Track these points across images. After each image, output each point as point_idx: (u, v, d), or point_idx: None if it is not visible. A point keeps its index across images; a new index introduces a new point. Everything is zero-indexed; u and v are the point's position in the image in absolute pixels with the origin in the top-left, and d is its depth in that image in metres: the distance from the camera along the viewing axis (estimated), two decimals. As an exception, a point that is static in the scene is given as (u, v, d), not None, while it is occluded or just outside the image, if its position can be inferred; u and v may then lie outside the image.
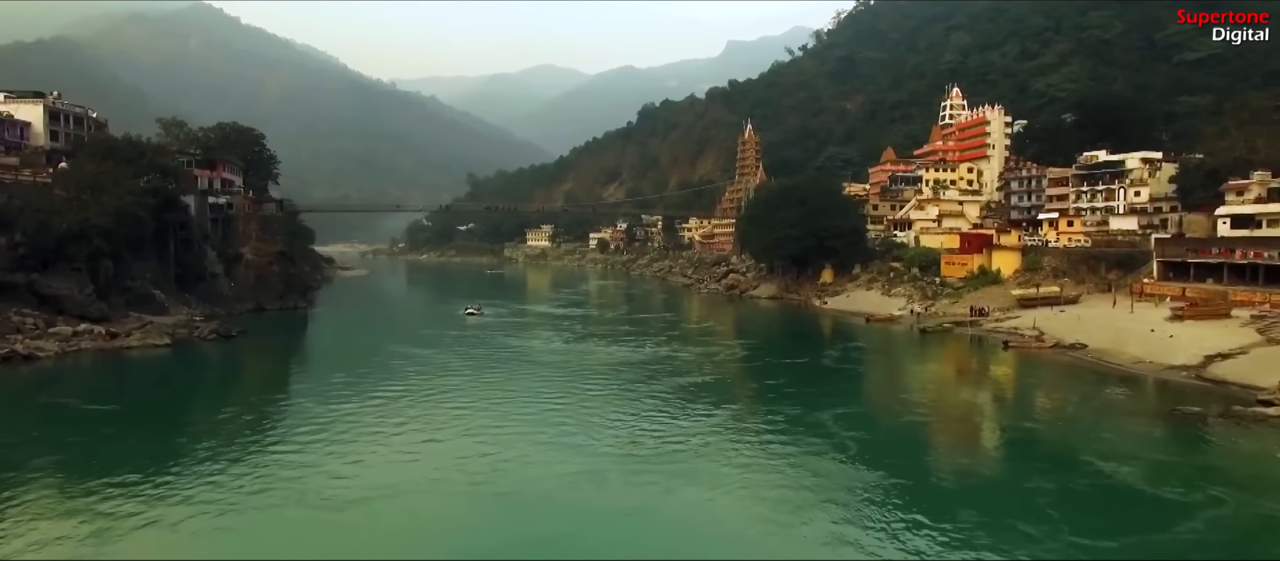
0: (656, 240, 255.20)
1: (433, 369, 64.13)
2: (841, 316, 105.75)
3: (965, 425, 50.41)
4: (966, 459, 42.29)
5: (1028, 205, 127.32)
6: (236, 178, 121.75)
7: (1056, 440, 45.17)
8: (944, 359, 75.62)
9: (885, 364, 72.90)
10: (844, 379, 64.37)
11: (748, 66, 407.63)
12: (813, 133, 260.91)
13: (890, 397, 55.57)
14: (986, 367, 69.63)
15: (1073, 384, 59.83)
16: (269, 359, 76.06)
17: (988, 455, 44.09)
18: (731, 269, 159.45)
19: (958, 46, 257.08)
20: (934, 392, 59.21)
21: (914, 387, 60.31)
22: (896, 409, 51.66)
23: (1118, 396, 55.47)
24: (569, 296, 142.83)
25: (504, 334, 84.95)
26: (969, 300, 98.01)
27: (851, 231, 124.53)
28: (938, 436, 46.81)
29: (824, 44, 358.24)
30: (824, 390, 57.32)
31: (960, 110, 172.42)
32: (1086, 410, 51.96)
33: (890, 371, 69.01)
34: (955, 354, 77.50)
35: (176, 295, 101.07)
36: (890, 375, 66.64)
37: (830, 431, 44.86)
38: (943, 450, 43.97)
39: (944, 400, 57.05)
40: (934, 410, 53.07)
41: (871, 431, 45.64)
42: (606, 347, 76.17)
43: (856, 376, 66.01)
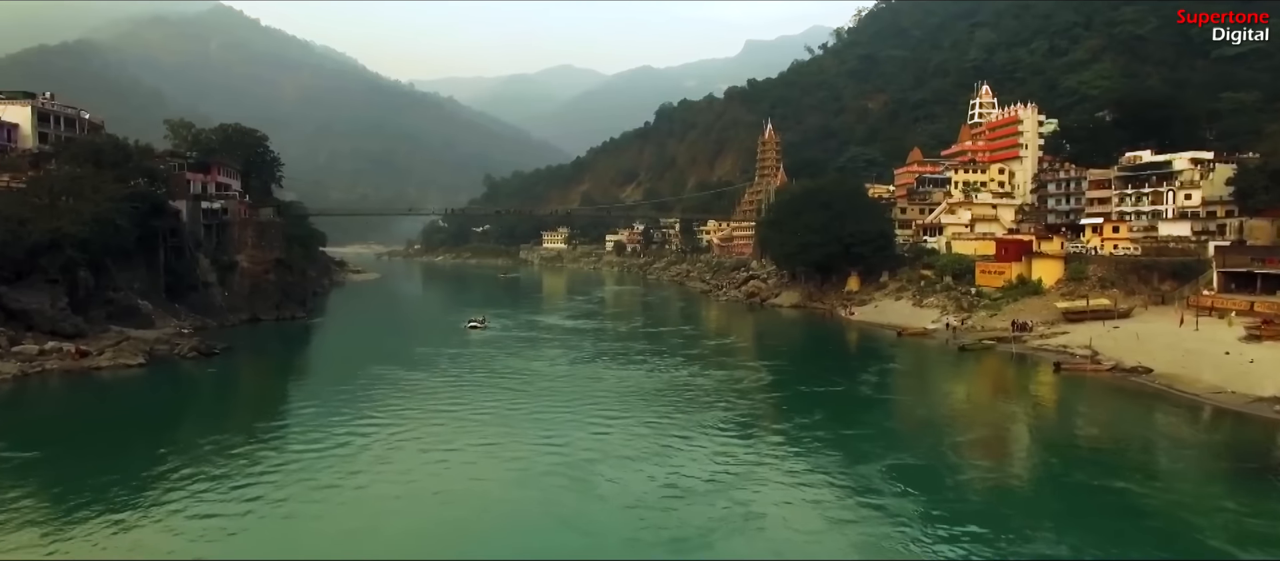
0: (674, 243, 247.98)
1: (419, 398, 56.98)
2: (870, 329, 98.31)
3: (1030, 481, 41.90)
4: (1034, 525, 34.66)
5: (1066, 209, 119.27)
6: (233, 181, 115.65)
7: (1138, 496, 37.62)
8: (989, 384, 68.02)
9: (926, 392, 64.83)
10: (884, 414, 55.96)
11: (767, 66, 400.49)
12: (833, 132, 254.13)
13: (941, 442, 47.26)
14: (1038, 396, 61.82)
15: (1142, 418, 52.27)
16: (243, 383, 68.97)
17: (1060, 519, 36.56)
18: (752, 274, 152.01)
19: (983, 43, 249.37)
20: (987, 433, 51.15)
21: (964, 426, 52.55)
22: (951, 459, 43.33)
23: (1199, 436, 48.06)
24: (581, 305, 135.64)
25: (506, 352, 77.81)
26: (1009, 313, 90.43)
27: (879, 237, 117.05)
28: (1000, 501, 38.23)
29: (844, 42, 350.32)
30: (865, 431, 49.25)
31: (990, 109, 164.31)
32: (1167, 454, 44.59)
33: (933, 402, 60.94)
34: (1000, 377, 69.89)
35: (166, 306, 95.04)
36: (935, 409, 58.47)
37: (879, 491, 37.51)
38: (1009, 515, 36.30)
39: (1001, 443, 49.06)
40: (991, 457, 45.27)
41: (927, 492, 37.79)
42: (618, 370, 68.84)
43: (898, 411, 57.27)
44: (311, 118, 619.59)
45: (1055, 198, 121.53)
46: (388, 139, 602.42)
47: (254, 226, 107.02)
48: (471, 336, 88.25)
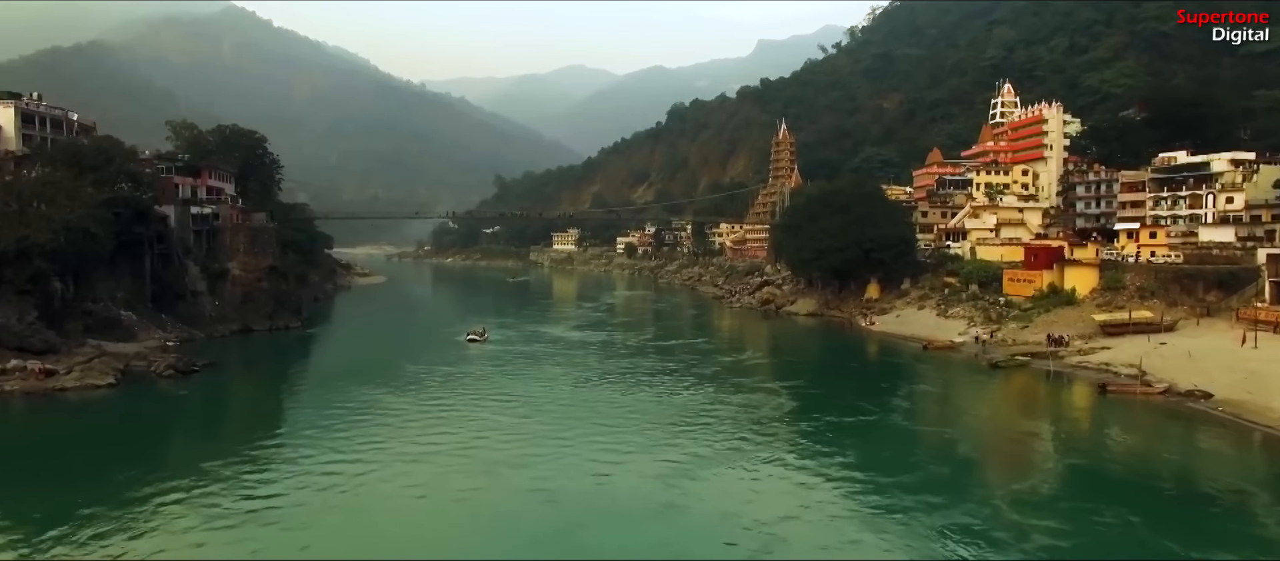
0: (686, 245, 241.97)
1: (399, 430, 50.70)
2: (893, 341, 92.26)
3: (1096, 540, 35.54)
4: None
5: (1096, 213, 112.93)
6: (226, 185, 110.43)
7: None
8: (1029, 409, 61.78)
9: (962, 421, 58.02)
10: (920, 452, 48.42)
11: (779, 65, 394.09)
12: (848, 132, 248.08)
13: (988, 488, 40.96)
14: (1086, 425, 55.51)
15: (1213, 455, 46.31)
16: (213, 408, 62.27)
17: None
18: (766, 280, 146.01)
19: (1001, 42, 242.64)
20: (1037, 476, 44.23)
21: (1009, 465, 46.39)
22: (1004, 512, 36.70)
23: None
24: (590, 312, 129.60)
25: (503, 371, 71.90)
26: (1041, 325, 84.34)
27: (900, 242, 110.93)
28: None
29: (858, 41, 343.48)
30: (902, 476, 41.97)
31: (1013, 108, 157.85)
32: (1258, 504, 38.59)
33: (972, 434, 54.14)
34: (1039, 400, 63.77)
35: (151, 316, 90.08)
36: (975, 442, 51.46)
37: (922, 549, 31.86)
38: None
39: (1054, 488, 41.50)
40: (1047, 508, 38.43)
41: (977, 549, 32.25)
42: (624, 393, 62.63)
43: (935, 447, 49.29)
44: (323, 118, 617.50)
45: (1084, 201, 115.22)
46: (399, 139, 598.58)
47: (246, 232, 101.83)
48: (470, 351, 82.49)
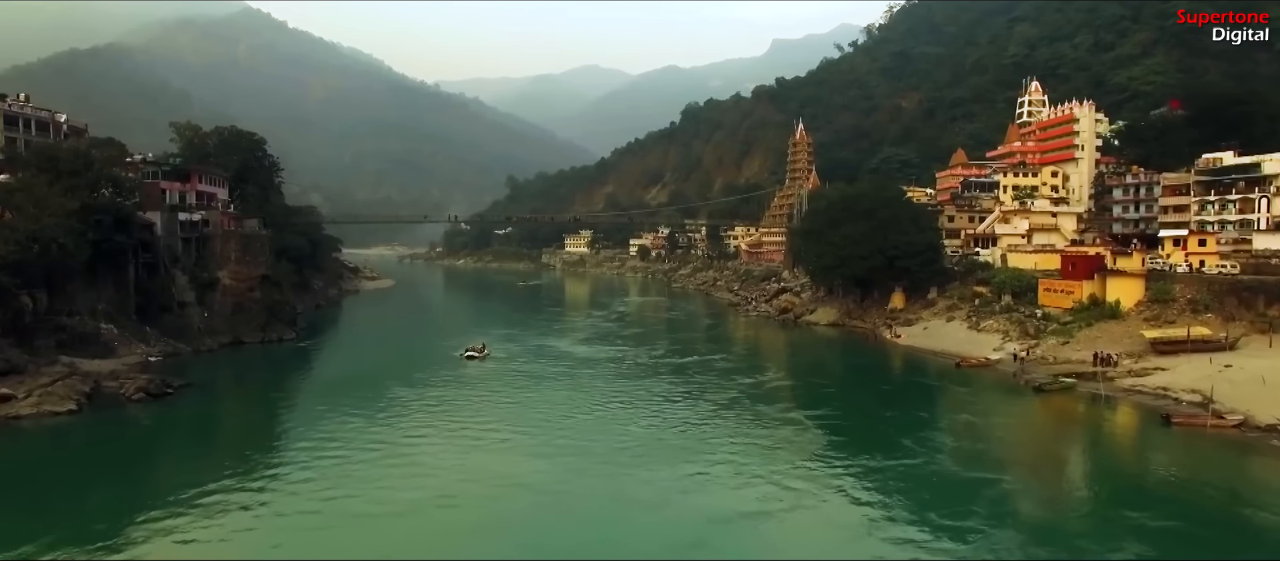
0: (700, 248, 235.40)
1: (374, 471, 44.62)
2: (921, 356, 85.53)
3: None
4: None
5: (1134, 217, 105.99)
6: (218, 190, 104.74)
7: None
8: (1084, 443, 54.59)
9: (1014, 457, 50.83)
10: (977, 502, 40.48)
11: (794, 65, 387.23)
12: (865, 132, 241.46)
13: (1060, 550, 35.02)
14: (1155, 465, 48.03)
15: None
16: (173, 439, 55.27)
17: None
18: (784, 286, 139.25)
19: (1023, 39, 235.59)
20: (1120, 536, 36.70)
21: (1086, 522, 38.85)
22: None
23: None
24: (599, 323, 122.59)
25: (500, 394, 65.16)
26: (1083, 341, 77.58)
27: (926, 249, 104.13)
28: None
29: (875, 39, 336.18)
30: (960, 543, 35.58)
31: (1040, 106, 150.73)
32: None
33: (1030, 476, 46.83)
34: (1095, 432, 56.79)
35: (135, 330, 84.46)
36: (1037, 489, 44.06)
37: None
38: None
39: None
40: None
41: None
42: (631, 423, 56.08)
43: (992, 498, 41.32)
44: (338, 118, 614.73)
45: (1122, 204, 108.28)
46: (413, 139, 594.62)
47: (238, 240, 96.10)
48: (467, 370, 76.17)
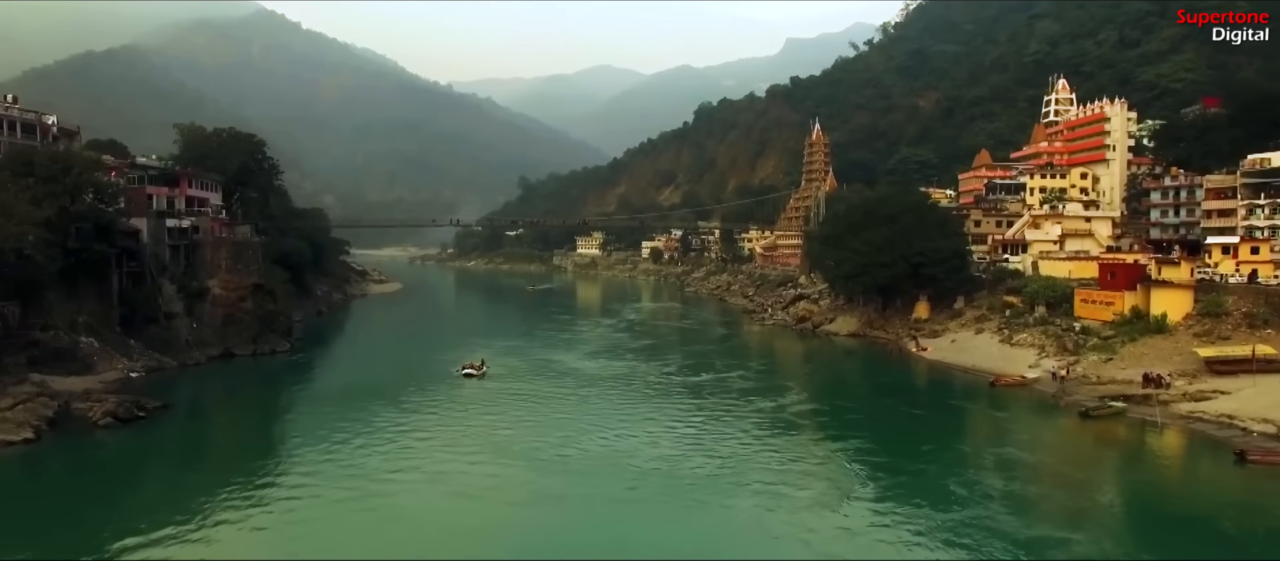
0: (713, 250, 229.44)
1: (345, 510, 39.74)
2: (950, 372, 79.62)
3: None
4: None
5: (1174, 222, 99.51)
6: (211, 194, 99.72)
7: None
8: (1152, 485, 47.91)
9: (1074, 502, 43.92)
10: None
11: (807, 64, 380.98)
12: (882, 132, 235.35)
13: None
14: (1239, 514, 41.64)
15: None
16: (129, 476, 49.15)
17: None
18: (801, 293, 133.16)
19: (1044, 36, 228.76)
20: None
21: None
22: None
23: None
24: (609, 332, 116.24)
25: (496, 419, 59.17)
26: (1127, 357, 71.44)
27: (953, 256, 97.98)
28: None
29: (891, 38, 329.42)
30: None
31: (1068, 105, 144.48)
32: None
33: (1097, 529, 39.98)
34: (1157, 469, 50.48)
35: (118, 343, 79.55)
36: (1106, 544, 38.04)
37: None
38: None
39: None
40: None
41: None
42: (638, 459, 49.77)
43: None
44: (351, 119, 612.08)
45: (1160, 208, 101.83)
46: (425, 140, 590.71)
47: (229, 247, 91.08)
48: (464, 388, 70.63)
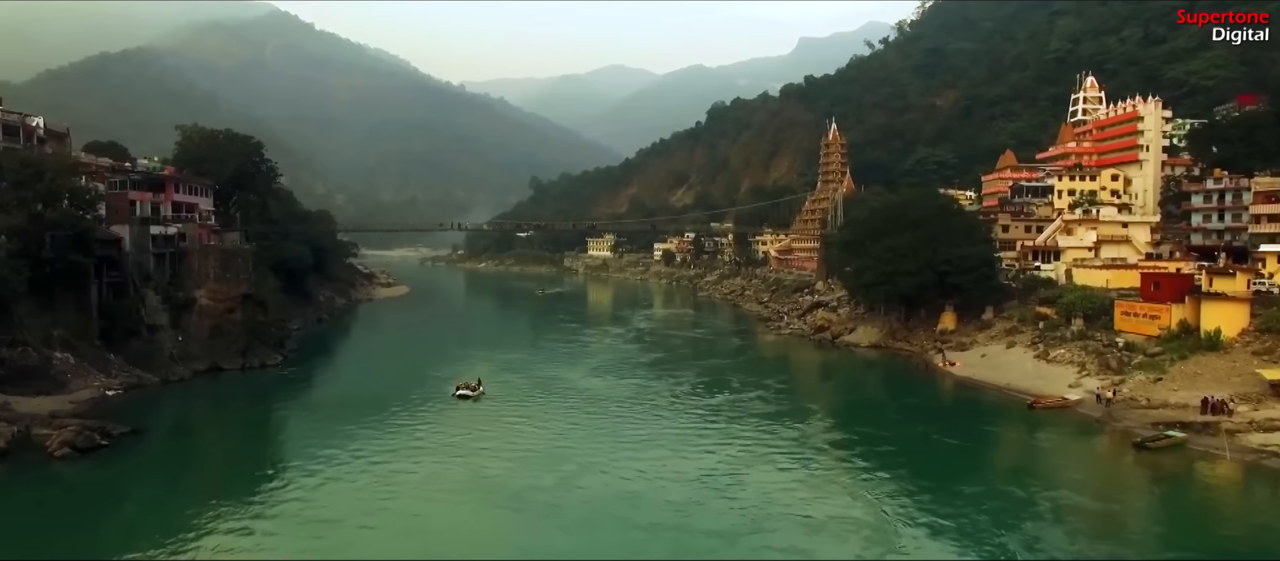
0: (727, 253, 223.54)
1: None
2: (982, 390, 73.67)
3: None
4: None
5: (1218, 227, 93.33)
6: (199, 199, 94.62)
7: None
8: (1229, 535, 41.70)
9: None
10: None
11: (821, 63, 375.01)
12: (899, 132, 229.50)
13: None
14: None
15: None
16: (67, 524, 43.03)
17: None
18: (818, 301, 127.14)
19: (1065, 33, 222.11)
20: None
21: None
22: None
23: None
24: (619, 342, 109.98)
25: (486, 450, 53.19)
26: (1178, 378, 65.21)
27: (981, 264, 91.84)
28: None
29: (907, 36, 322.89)
30: None
31: (1097, 104, 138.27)
32: None
33: None
34: (1237, 517, 43.96)
35: (97, 358, 74.47)
36: None
37: None
38: None
39: None
40: None
41: None
42: (645, 504, 44.59)
43: None
44: (363, 119, 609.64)
45: (1202, 213, 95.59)
46: (438, 140, 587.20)
47: (218, 255, 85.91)
48: (457, 411, 64.89)
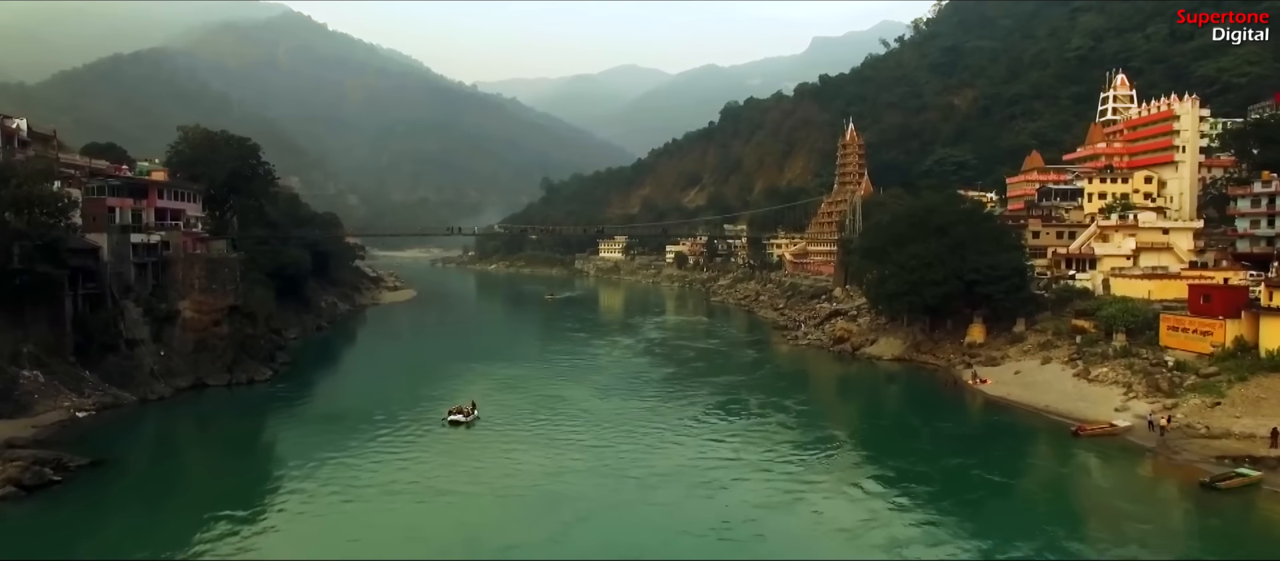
0: (740, 255, 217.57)
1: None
2: (1017, 411, 67.66)
3: None
4: None
5: (1267, 234, 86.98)
6: (187, 205, 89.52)
7: None
8: None
9: None
10: None
11: (834, 63, 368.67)
12: (915, 132, 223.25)
13: None
14: None
15: None
16: None
17: None
18: (837, 309, 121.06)
19: (1088, 30, 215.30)
20: None
21: None
22: None
23: None
24: (628, 354, 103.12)
25: (474, 490, 47.74)
26: (1239, 403, 58.98)
27: (1012, 273, 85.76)
28: None
29: (923, 34, 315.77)
30: None
31: (1127, 102, 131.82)
32: None
33: None
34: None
35: (71, 375, 69.52)
36: None
37: None
38: None
39: None
40: None
41: None
42: (649, 539, 39.73)
43: None
44: (376, 119, 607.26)
45: (1249, 218, 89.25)
46: (450, 140, 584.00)
47: (203, 265, 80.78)
48: (447, 439, 59.20)
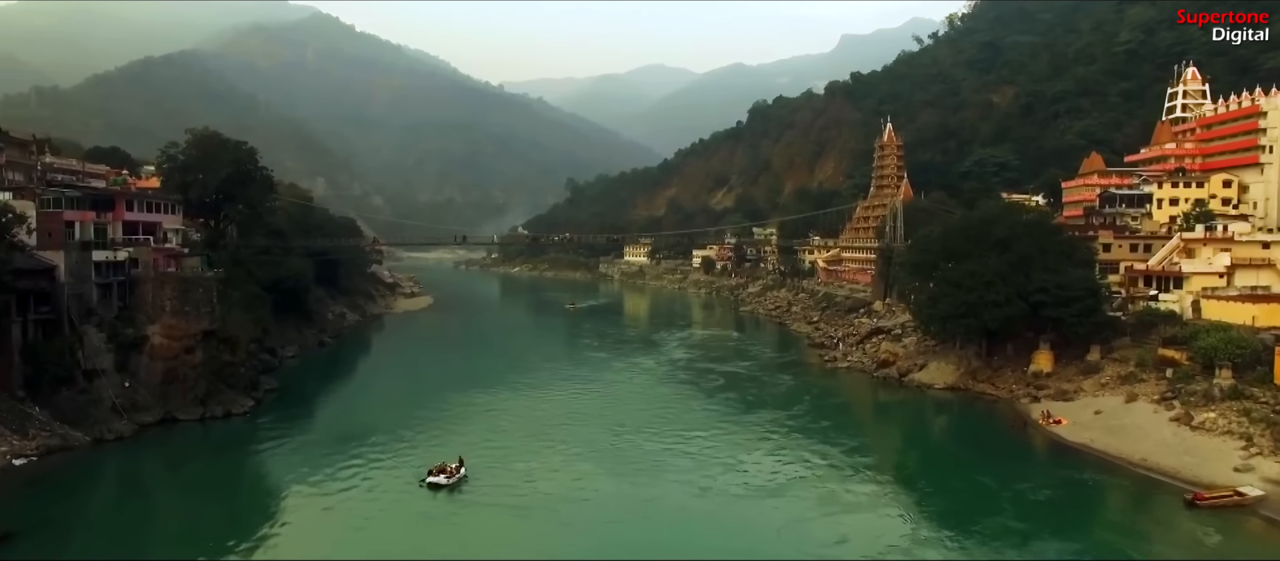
0: (770, 261, 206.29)
1: None
2: (1105, 464, 56.54)
3: None
4: None
5: (1381, 250, 75.20)
6: (162, 218, 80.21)
7: None
8: None
9: None
10: None
11: (864, 61, 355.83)
12: (953, 131, 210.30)
13: None
14: None
15: None
16: None
17: None
18: (878, 325, 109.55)
19: (1137, 22, 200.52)
20: None
21: None
22: None
23: None
24: (649, 382, 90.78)
25: None
26: (1390, 463, 47.91)
27: (1085, 293, 74.51)
28: None
29: (958, 30, 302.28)
30: None
31: (1200, 98, 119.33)
32: None
33: None
34: None
35: (13, 414, 60.41)
36: None
37: None
38: None
39: None
40: None
41: None
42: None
43: None
44: (402, 119, 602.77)
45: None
46: (476, 140, 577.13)
47: (175, 285, 71.45)
48: (423, 506, 48.79)
